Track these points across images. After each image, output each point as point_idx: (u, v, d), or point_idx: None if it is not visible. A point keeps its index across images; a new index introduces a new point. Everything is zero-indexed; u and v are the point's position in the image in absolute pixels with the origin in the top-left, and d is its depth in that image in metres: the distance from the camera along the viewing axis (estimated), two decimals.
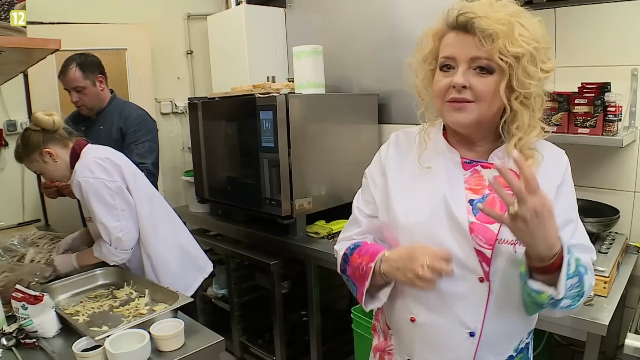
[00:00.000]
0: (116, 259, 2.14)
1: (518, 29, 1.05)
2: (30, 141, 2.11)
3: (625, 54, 2.19)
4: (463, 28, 1.09)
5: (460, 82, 1.09)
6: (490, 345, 1.17)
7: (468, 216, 1.14)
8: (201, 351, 1.60)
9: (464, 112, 1.12)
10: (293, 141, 2.70)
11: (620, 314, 2.21)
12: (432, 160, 1.23)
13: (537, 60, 1.08)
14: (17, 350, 1.61)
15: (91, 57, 2.85)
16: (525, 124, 1.12)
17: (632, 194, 2.28)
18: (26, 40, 1.29)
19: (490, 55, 1.06)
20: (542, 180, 1.07)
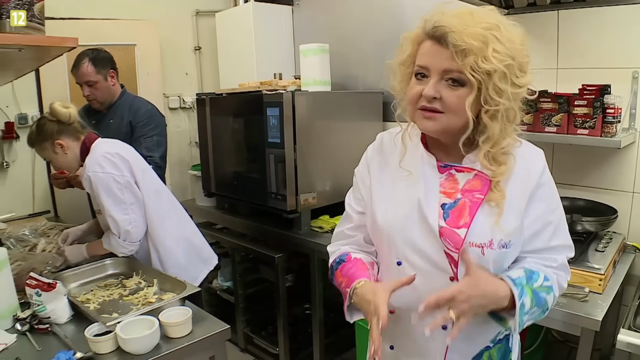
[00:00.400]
0: (124, 250, 2.19)
1: (493, 45, 1.05)
2: (44, 130, 2.18)
3: (626, 57, 2.23)
4: (438, 40, 1.10)
5: (430, 94, 1.12)
6: (463, 337, 1.20)
7: (439, 220, 1.20)
8: (208, 338, 1.66)
9: (432, 121, 1.15)
10: (299, 137, 2.76)
11: (617, 312, 2.25)
12: (412, 164, 1.27)
13: (510, 76, 1.08)
14: (31, 335, 1.66)
15: (103, 53, 2.90)
16: (495, 136, 1.13)
17: (631, 195, 2.31)
18: (45, 39, 1.33)
19: (461, 69, 1.07)
20: (515, 183, 1.18)
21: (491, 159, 1.17)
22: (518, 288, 1.12)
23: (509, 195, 1.18)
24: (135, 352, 1.52)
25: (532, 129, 2.22)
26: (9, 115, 3.25)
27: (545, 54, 2.45)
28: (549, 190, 1.24)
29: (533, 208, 1.20)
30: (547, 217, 1.23)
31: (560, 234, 1.25)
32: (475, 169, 1.21)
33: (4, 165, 3.25)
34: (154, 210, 2.25)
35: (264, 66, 3.61)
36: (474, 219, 1.17)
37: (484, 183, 1.19)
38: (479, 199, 1.18)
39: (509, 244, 1.18)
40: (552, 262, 1.24)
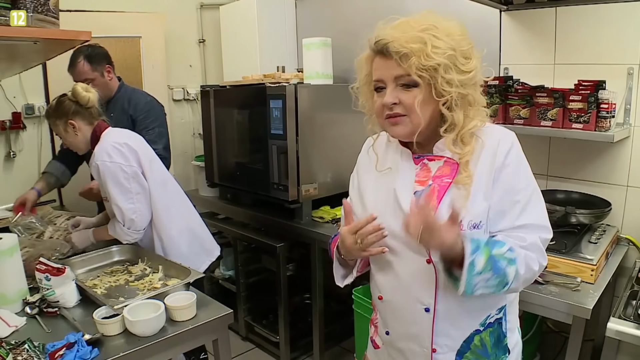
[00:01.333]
0: (128, 238, 2.24)
1: (432, 42, 1.15)
2: (62, 107, 2.23)
3: (622, 53, 2.26)
4: (382, 53, 1.22)
5: (390, 102, 1.22)
6: (448, 319, 1.28)
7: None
8: (211, 322, 1.72)
9: (399, 125, 1.25)
10: (301, 129, 2.81)
11: (610, 303, 2.30)
12: (392, 161, 1.38)
13: (456, 64, 1.18)
14: (40, 318, 1.72)
15: (98, 48, 2.90)
16: (460, 121, 1.22)
17: (625, 188, 2.36)
18: (60, 32, 1.37)
19: (409, 72, 1.17)
20: (482, 165, 1.25)
21: (460, 142, 1.25)
22: (473, 244, 1.14)
23: (477, 177, 1.24)
24: (142, 334, 1.58)
25: (528, 123, 2.27)
26: (16, 105, 3.29)
27: (543, 49, 2.49)
28: (515, 170, 1.25)
29: (497, 188, 1.24)
30: (513, 197, 1.24)
31: (529, 213, 1.25)
32: (444, 156, 1.29)
33: (11, 155, 3.30)
34: (159, 200, 2.29)
35: (268, 59, 3.64)
36: (441, 201, 1.24)
37: (452, 168, 1.27)
38: (447, 182, 1.26)
39: (479, 225, 1.23)
40: (521, 241, 1.23)
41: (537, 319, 2.45)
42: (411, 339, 1.35)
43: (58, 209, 3.25)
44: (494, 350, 1.34)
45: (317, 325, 2.99)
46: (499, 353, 1.35)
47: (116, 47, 3.51)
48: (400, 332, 1.38)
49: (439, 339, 1.30)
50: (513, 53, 2.61)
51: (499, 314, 1.34)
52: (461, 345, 1.31)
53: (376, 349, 1.52)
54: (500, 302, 1.34)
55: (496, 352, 1.35)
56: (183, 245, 2.37)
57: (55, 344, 1.50)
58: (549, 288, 1.91)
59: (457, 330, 1.30)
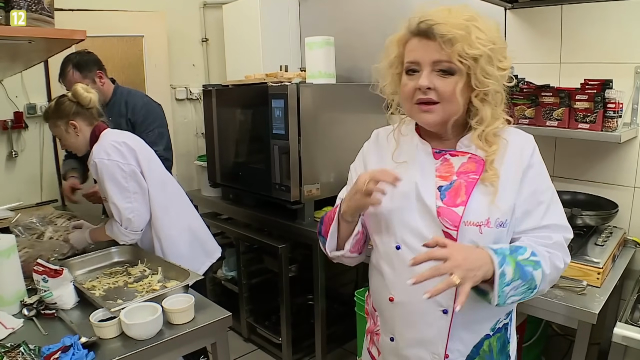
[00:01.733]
0: (126, 238, 2.21)
1: (475, 33, 1.14)
2: (62, 108, 2.22)
3: (629, 52, 2.23)
4: (424, 34, 1.18)
5: (425, 84, 1.18)
6: (464, 323, 1.25)
7: (436, 201, 1.24)
8: (210, 325, 1.69)
9: (431, 113, 1.21)
10: (303, 129, 2.78)
11: (616, 306, 2.27)
12: (408, 154, 1.33)
13: (494, 60, 1.16)
14: (38, 320, 1.70)
15: (86, 55, 2.87)
16: (487, 117, 1.21)
17: (632, 189, 2.32)
18: (54, 31, 1.36)
19: (450, 58, 1.15)
20: (508, 164, 1.23)
21: (484, 139, 1.23)
22: (499, 256, 1.14)
23: (503, 175, 1.22)
24: (139, 337, 1.56)
25: (533, 123, 2.24)
26: (18, 105, 3.28)
27: (548, 48, 2.46)
28: (539, 170, 1.28)
29: (524, 187, 1.24)
30: (538, 197, 1.26)
31: (552, 213, 1.28)
32: (469, 152, 1.26)
33: (12, 155, 3.29)
34: (158, 200, 2.27)
35: (271, 58, 3.62)
36: (470, 197, 1.21)
37: (478, 164, 1.24)
38: (474, 179, 1.23)
39: (505, 223, 1.22)
40: (547, 240, 1.25)
41: (542, 322, 2.42)
42: (421, 344, 1.30)
43: (60, 209, 3.24)
44: (498, 356, 1.33)
45: (320, 326, 2.96)
46: (502, 359, 1.34)
47: (118, 47, 3.50)
48: (409, 337, 1.32)
49: (453, 343, 1.27)
50: (518, 52, 2.57)
51: (506, 319, 1.33)
52: (471, 351, 1.29)
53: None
54: (508, 307, 1.32)
55: (500, 359, 1.33)
56: (182, 246, 2.35)
57: (51, 347, 1.48)
58: (554, 292, 1.88)
59: (470, 334, 1.28)
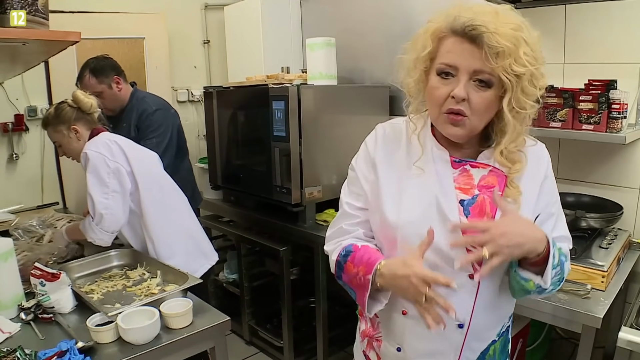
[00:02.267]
0: (94, 236, 2.14)
1: (523, 48, 1.04)
2: (63, 113, 2.24)
3: (633, 52, 2.21)
4: (470, 38, 1.06)
5: (462, 95, 1.08)
6: (476, 334, 1.22)
7: (460, 217, 1.16)
8: (208, 329, 1.68)
9: (458, 127, 1.13)
10: (304, 131, 2.76)
11: (621, 310, 2.24)
12: (424, 161, 1.22)
13: (535, 78, 1.08)
14: (35, 324, 1.69)
15: (104, 61, 2.87)
16: (513, 134, 1.13)
17: (637, 191, 2.30)
18: (48, 33, 1.34)
19: (493, 71, 1.05)
20: (527, 178, 1.19)
21: (506, 156, 1.17)
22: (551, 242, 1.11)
23: (525, 192, 1.18)
24: (136, 342, 1.54)
25: (536, 124, 2.21)
26: (19, 107, 3.27)
27: (552, 48, 2.43)
28: (551, 183, 1.25)
29: (541, 199, 1.21)
30: (550, 209, 1.24)
31: (560, 225, 1.27)
32: (490, 164, 1.20)
33: (13, 157, 3.28)
34: (151, 200, 2.24)
35: (272, 60, 3.61)
36: (495, 216, 1.16)
37: (499, 180, 1.19)
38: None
39: None
40: None
41: (546, 325, 2.40)
42: (431, 356, 1.26)
43: (61, 212, 3.24)
44: (500, 356, 1.32)
45: (321, 329, 2.94)
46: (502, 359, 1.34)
47: (119, 48, 3.49)
48: (419, 349, 1.26)
49: (465, 353, 1.25)
50: None
51: (508, 322, 1.34)
52: (478, 357, 1.27)
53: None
54: (511, 309, 1.33)
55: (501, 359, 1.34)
56: (176, 247, 2.32)
57: (47, 352, 1.47)
58: (558, 295, 1.85)
59: (480, 342, 1.26)
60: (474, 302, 1.19)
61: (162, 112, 2.94)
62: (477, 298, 1.18)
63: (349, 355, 3.23)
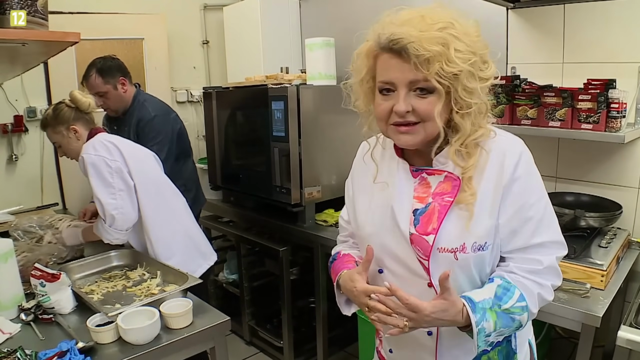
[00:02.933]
0: (110, 237, 2.16)
1: (454, 46, 1.03)
2: (62, 114, 2.24)
3: (632, 51, 2.20)
4: (397, 52, 1.06)
5: (403, 110, 1.08)
6: (452, 342, 1.21)
7: (410, 227, 1.17)
8: (208, 329, 1.68)
9: (409, 135, 1.12)
10: (303, 131, 2.77)
11: (621, 309, 2.24)
12: (388, 173, 1.26)
13: (476, 72, 1.07)
14: (35, 325, 1.69)
15: (111, 61, 2.87)
16: (467, 132, 1.11)
17: (636, 190, 2.30)
18: (47, 34, 1.35)
19: (428, 78, 1.04)
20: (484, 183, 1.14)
21: (462, 154, 1.14)
22: (478, 314, 1.09)
23: (481, 195, 1.13)
24: (136, 342, 1.54)
25: (536, 124, 2.21)
26: (18, 108, 3.28)
27: (550, 48, 2.43)
28: (525, 184, 1.15)
29: (508, 205, 1.14)
30: (525, 213, 1.15)
31: (544, 230, 1.17)
32: (445, 170, 1.17)
33: (13, 158, 3.28)
34: (149, 201, 2.24)
35: (271, 60, 3.61)
36: (442, 224, 1.14)
37: (454, 185, 1.15)
38: (448, 202, 1.14)
39: (485, 246, 1.14)
40: (537, 265, 1.16)
41: (546, 325, 2.39)
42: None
43: (60, 213, 3.24)
44: None
45: (321, 329, 2.95)
46: None
47: (119, 49, 3.49)
48: (403, 353, 1.33)
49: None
50: (520, 52, 2.55)
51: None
52: None
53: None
54: None
55: None
56: (175, 247, 2.32)
57: (48, 352, 1.47)
58: (557, 294, 1.85)
59: (462, 352, 1.23)
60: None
61: (160, 118, 2.91)
62: None
63: (349, 355, 3.25)
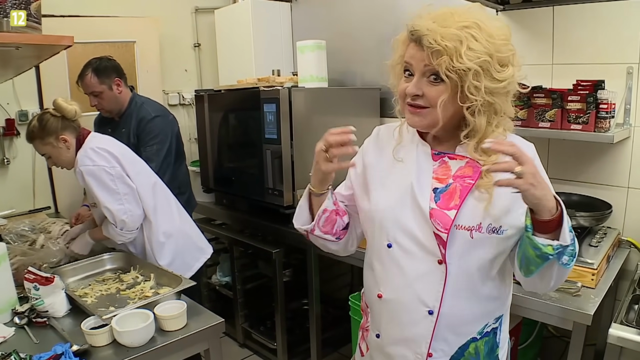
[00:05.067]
0: (122, 238, 2.24)
1: (468, 44, 1.10)
2: (48, 124, 2.20)
3: (621, 52, 2.23)
4: (416, 41, 1.16)
5: (412, 92, 1.19)
6: (449, 324, 1.25)
7: (430, 203, 1.23)
8: (202, 331, 1.69)
9: (418, 116, 1.21)
10: (295, 133, 2.77)
11: (612, 306, 2.26)
12: (406, 153, 1.32)
13: (490, 71, 1.12)
14: (29, 328, 1.69)
15: (107, 62, 2.87)
16: (481, 129, 1.18)
17: (626, 190, 2.32)
18: (41, 37, 1.35)
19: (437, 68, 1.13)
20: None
21: (480, 151, 1.20)
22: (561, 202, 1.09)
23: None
24: (130, 344, 1.55)
25: (526, 124, 2.24)
26: (10, 112, 3.25)
27: (540, 49, 2.45)
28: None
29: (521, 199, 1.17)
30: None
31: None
32: (467, 156, 1.24)
33: (4, 162, 3.26)
34: (146, 202, 2.27)
35: (263, 63, 3.61)
36: (464, 202, 1.20)
37: (475, 170, 1.22)
38: (470, 184, 1.21)
39: (500, 230, 1.19)
40: None
41: (538, 324, 2.41)
42: (405, 343, 1.30)
43: (53, 216, 3.23)
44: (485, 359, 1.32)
45: (315, 331, 2.95)
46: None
47: (110, 52, 3.45)
48: (393, 335, 1.33)
49: (437, 343, 1.26)
50: None
51: (495, 324, 1.32)
52: (456, 352, 1.28)
53: (361, 357, 1.48)
54: (498, 310, 1.32)
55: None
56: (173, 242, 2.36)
57: (42, 356, 1.47)
58: (548, 293, 1.87)
59: (456, 336, 1.27)
60: (443, 289, 1.22)
61: (160, 118, 2.92)
62: (446, 284, 1.22)
63: (343, 356, 3.26)
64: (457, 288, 1.23)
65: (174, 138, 2.95)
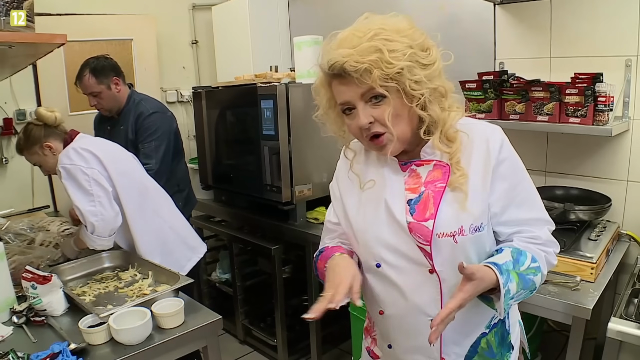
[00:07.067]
0: (94, 244, 2.15)
1: (387, 48, 1.08)
2: (32, 135, 2.21)
3: (619, 45, 2.21)
4: (339, 75, 1.13)
5: (365, 123, 1.14)
6: (455, 328, 1.22)
7: (406, 216, 1.21)
8: (200, 328, 1.68)
9: (384, 147, 1.18)
10: (293, 129, 2.77)
11: (611, 300, 2.26)
12: (375, 171, 1.30)
13: (420, 60, 1.11)
14: (27, 327, 1.69)
15: (104, 61, 2.85)
16: (438, 117, 1.16)
17: (625, 183, 2.31)
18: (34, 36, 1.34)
19: (373, 86, 1.09)
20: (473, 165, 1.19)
21: (444, 140, 1.19)
22: (504, 275, 1.12)
23: (472, 175, 1.18)
24: (128, 342, 1.55)
25: (524, 118, 2.22)
26: (7, 111, 3.26)
27: (538, 43, 2.44)
28: (511, 164, 1.22)
29: (497, 186, 1.20)
30: (514, 191, 1.22)
31: (532, 207, 1.26)
32: (433, 159, 1.22)
33: (3, 161, 3.27)
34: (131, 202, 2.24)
35: (261, 59, 3.61)
36: (438, 209, 1.18)
37: (444, 171, 1.20)
38: (441, 187, 1.19)
39: (481, 227, 1.19)
40: (537, 240, 1.23)
41: (537, 318, 2.41)
42: (418, 351, 1.29)
43: (52, 215, 3.23)
44: (499, 349, 1.32)
45: (315, 327, 2.95)
46: (504, 351, 1.34)
47: (108, 50, 3.46)
48: (405, 345, 1.32)
49: (448, 347, 1.27)
50: (508, 47, 2.56)
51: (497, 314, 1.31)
52: (469, 350, 1.28)
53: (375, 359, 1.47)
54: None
55: (501, 351, 1.33)
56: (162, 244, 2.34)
57: (40, 355, 1.47)
58: (548, 288, 1.87)
59: (464, 337, 1.28)
60: (440, 296, 1.21)
61: (159, 115, 2.91)
62: (442, 291, 1.21)
63: (343, 352, 3.26)
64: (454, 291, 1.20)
65: (173, 135, 2.94)
